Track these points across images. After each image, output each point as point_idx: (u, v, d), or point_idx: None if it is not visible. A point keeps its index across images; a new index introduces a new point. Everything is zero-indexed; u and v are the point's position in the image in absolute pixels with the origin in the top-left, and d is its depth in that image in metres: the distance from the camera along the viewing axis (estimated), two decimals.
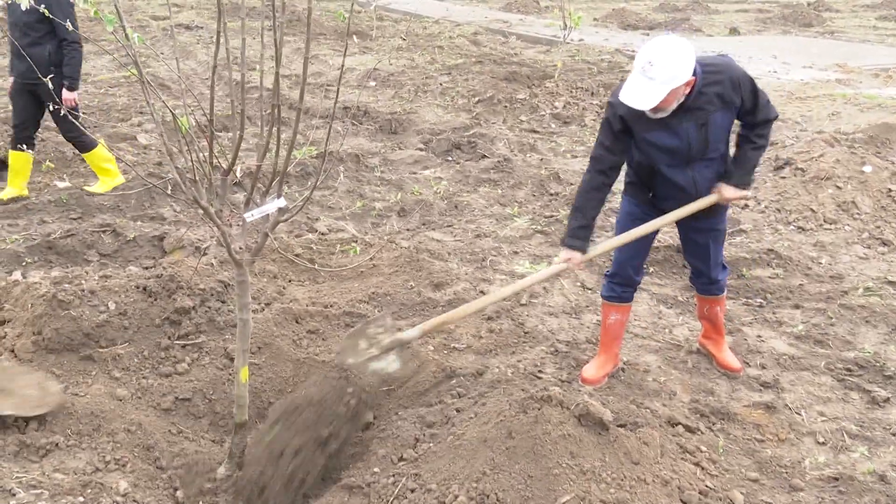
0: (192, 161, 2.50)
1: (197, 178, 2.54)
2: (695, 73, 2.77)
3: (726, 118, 2.93)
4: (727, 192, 3.06)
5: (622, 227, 3.22)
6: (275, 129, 2.44)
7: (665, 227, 3.27)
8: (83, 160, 5.67)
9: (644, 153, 3.02)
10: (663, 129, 2.88)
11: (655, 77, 2.66)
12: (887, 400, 3.25)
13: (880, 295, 4.17)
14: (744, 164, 3.06)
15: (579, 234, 2.99)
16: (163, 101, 2.22)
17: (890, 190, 5.33)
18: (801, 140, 6.60)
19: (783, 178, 5.73)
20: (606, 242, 3.16)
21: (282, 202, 2.52)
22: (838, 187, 5.39)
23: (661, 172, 3.02)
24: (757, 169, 3.14)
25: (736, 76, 2.87)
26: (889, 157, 6.31)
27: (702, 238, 3.25)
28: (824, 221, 5.17)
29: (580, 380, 3.35)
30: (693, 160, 2.97)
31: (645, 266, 3.73)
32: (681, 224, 3.26)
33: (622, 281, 3.31)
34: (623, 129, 2.92)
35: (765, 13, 18.09)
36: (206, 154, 2.47)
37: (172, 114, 2.37)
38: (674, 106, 2.80)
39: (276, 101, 2.38)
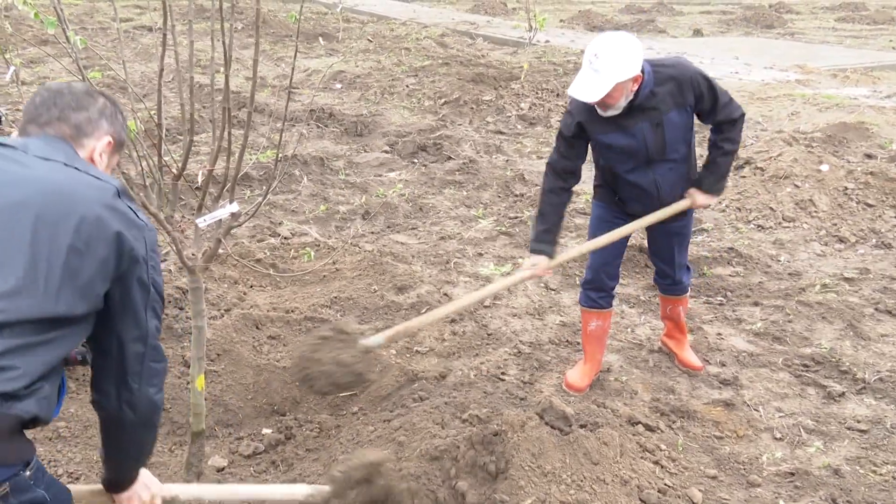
0: (141, 166, 2.46)
1: (147, 182, 2.50)
2: (643, 72, 2.78)
3: (682, 118, 2.92)
4: (699, 198, 3.08)
5: (594, 232, 3.20)
6: (227, 132, 2.40)
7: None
8: None
9: (603, 156, 3.03)
10: (618, 131, 2.88)
11: (600, 69, 2.66)
12: (842, 394, 3.31)
13: (836, 291, 4.25)
14: (714, 170, 3.06)
15: (544, 238, 2.96)
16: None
17: (846, 188, 5.44)
18: (761, 140, 6.72)
19: (743, 177, 5.82)
20: (575, 248, 3.13)
21: (234, 207, 2.47)
22: (796, 186, 5.49)
23: (622, 175, 3.03)
24: (729, 174, 3.13)
25: (688, 75, 2.86)
26: (846, 155, 6.46)
27: (666, 240, 3.26)
28: (783, 220, 5.26)
29: (564, 385, 3.34)
30: (653, 162, 2.96)
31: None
32: (647, 228, 3.27)
33: (597, 287, 3.29)
34: (577, 133, 2.93)
35: (728, 14, 18.39)
36: (157, 158, 2.43)
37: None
38: (622, 103, 2.79)
39: (226, 103, 2.35)
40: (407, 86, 9.30)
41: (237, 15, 13.22)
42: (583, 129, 2.91)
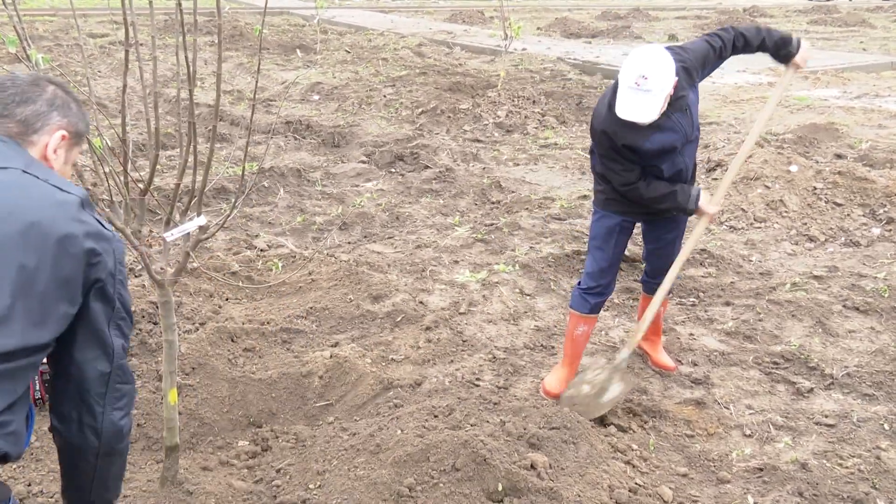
0: (108, 183, 2.47)
1: (114, 198, 2.51)
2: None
3: (695, 94, 3.09)
4: (799, 61, 3.25)
5: (604, 243, 3.23)
6: (193, 146, 2.42)
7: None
8: None
9: (644, 160, 3.05)
10: (659, 131, 2.95)
11: (652, 88, 2.74)
12: (811, 390, 3.37)
13: (806, 289, 4.32)
14: (774, 40, 3.19)
15: (689, 190, 3.08)
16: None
17: (815, 188, 5.54)
18: (733, 142, 6.82)
19: (715, 179, 5.90)
20: (721, 186, 3.24)
21: (202, 220, 2.49)
22: (767, 187, 5.58)
23: (659, 172, 3.07)
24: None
25: (687, 56, 3.01)
26: (816, 156, 6.57)
27: (671, 235, 3.31)
28: (754, 220, 5.34)
29: (542, 392, 3.36)
30: (684, 145, 3.07)
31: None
32: (648, 225, 3.34)
33: (598, 293, 3.31)
34: (630, 150, 2.98)
35: (702, 19, 18.64)
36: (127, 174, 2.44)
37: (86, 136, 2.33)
38: (664, 108, 2.89)
39: (191, 118, 2.37)
40: (384, 96, 9.35)
41: (215, 28, 13.24)
42: (630, 147, 2.97)
